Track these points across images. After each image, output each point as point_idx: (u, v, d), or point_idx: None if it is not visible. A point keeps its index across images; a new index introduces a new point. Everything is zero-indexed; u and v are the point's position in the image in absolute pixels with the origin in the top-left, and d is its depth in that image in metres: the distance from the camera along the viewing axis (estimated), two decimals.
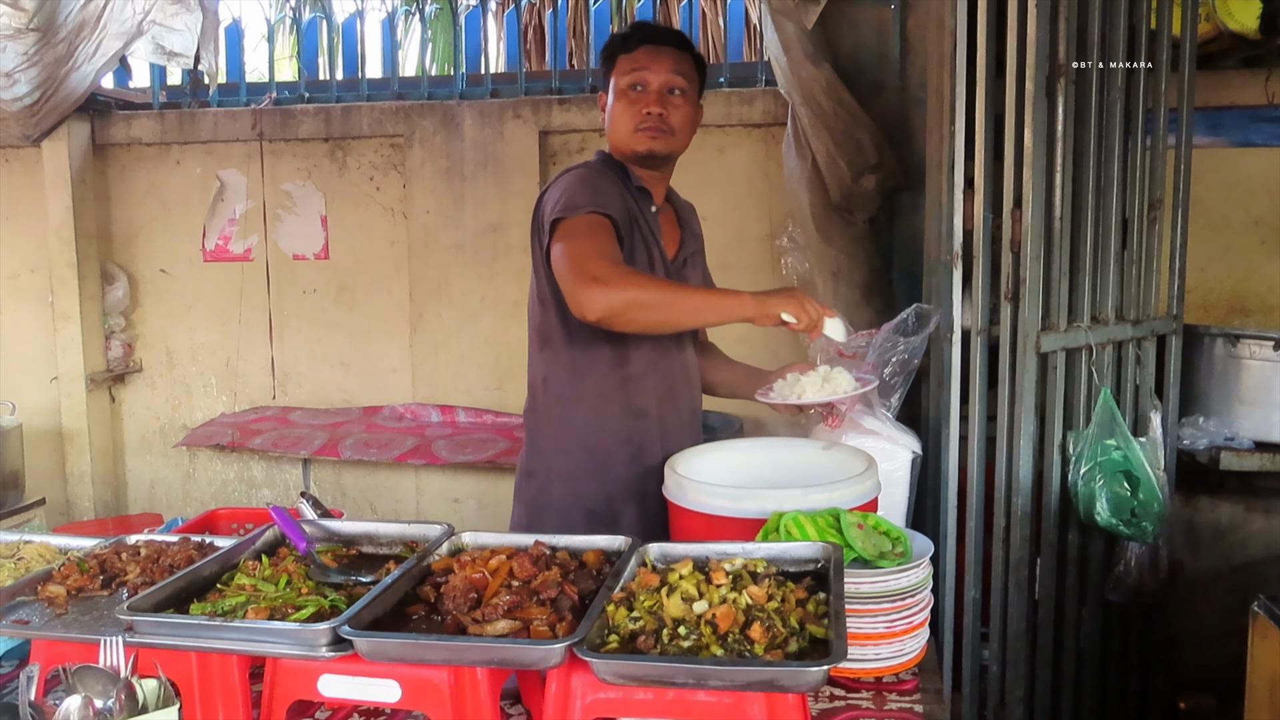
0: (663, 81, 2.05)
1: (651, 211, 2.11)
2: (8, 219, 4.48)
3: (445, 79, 4.34)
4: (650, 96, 2.05)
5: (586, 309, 1.79)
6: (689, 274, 2.23)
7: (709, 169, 3.90)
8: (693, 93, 2.12)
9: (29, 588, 1.54)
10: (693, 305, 1.92)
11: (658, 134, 2.05)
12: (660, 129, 2.05)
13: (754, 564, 1.39)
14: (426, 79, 4.30)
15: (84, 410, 4.35)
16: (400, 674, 1.28)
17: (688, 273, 2.23)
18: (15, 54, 3.81)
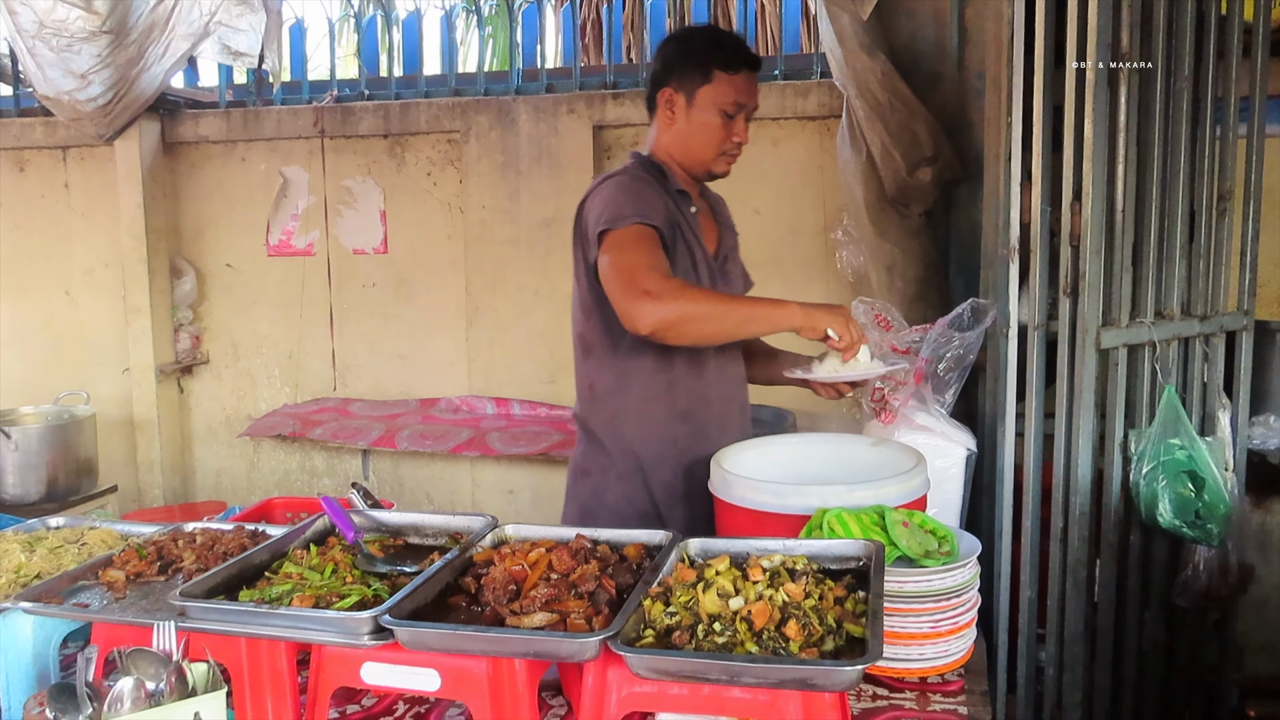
0: (753, 110, 2.15)
1: (691, 212, 2.14)
2: (83, 215, 4.64)
3: (501, 75, 4.37)
4: (742, 126, 2.13)
5: (639, 323, 1.82)
6: (730, 269, 2.25)
7: (763, 162, 3.88)
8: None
9: (90, 572, 1.59)
10: (742, 317, 1.94)
11: (732, 160, 2.18)
12: (736, 155, 2.17)
13: (793, 561, 1.38)
14: (483, 75, 4.34)
15: (154, 400, 4.49)
16: (440, 663, 1.30)
17: (729, 268, 2.24)
18: (89, 56, 3.94)
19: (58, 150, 4.63)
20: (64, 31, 3.87)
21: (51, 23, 3.87)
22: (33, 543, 1.70)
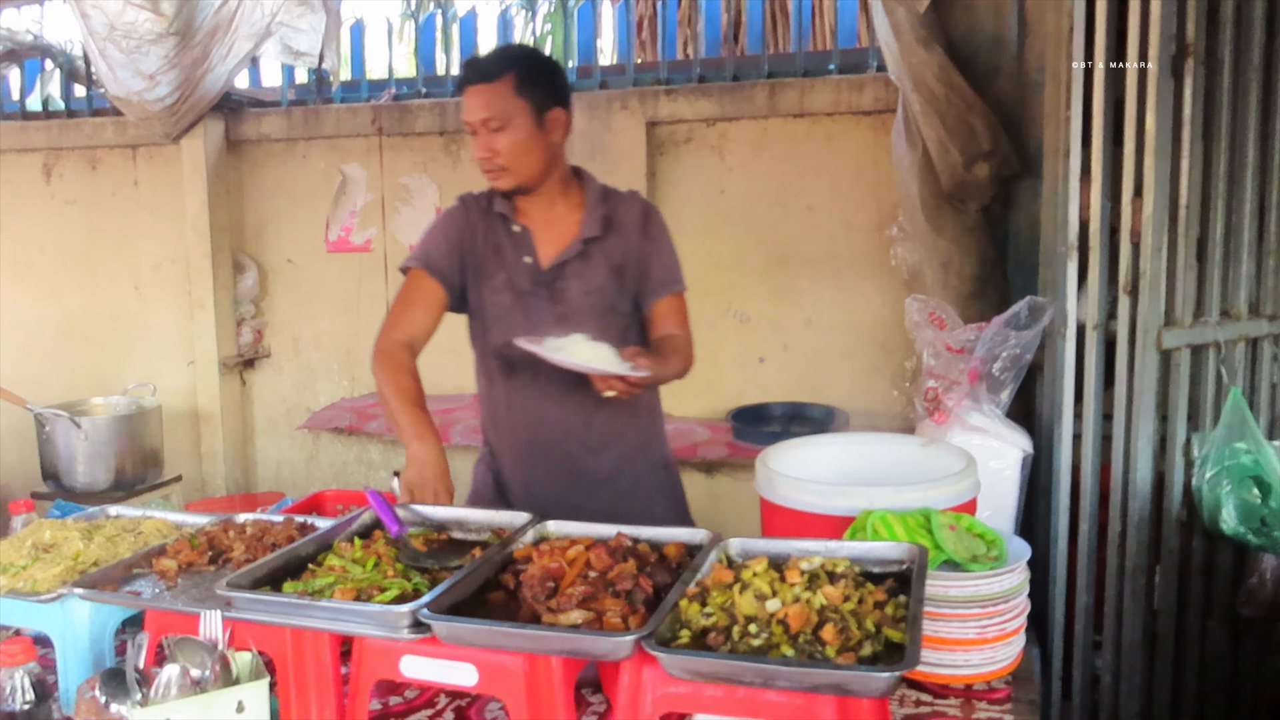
0: (478, 121, 2.09)
1: (514, 231, 2.22)
2: (150, 212, 4.77)
3: None
4: (477, 140, 2.12)
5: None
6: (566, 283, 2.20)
7: (817, 158, 3.84)
8: (520, 117, 2.08)
9: (145, 561, 1.64)
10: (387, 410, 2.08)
11: (495, 174, 2.13)
12: (492, 169, 2.13)
13: (834, 563, 1.36)
14: None
15: (217, 393, 4.60)
16: (477, 658, 1.31)
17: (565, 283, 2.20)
18: (157, 57, 4.04)
19: (128, 149, 4.77)
20: (133, 33, 3.98)
21: (122, 25, 3.98)
22: (91, 531, 1.75)
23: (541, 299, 2.23)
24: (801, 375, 3.98)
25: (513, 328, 2.21)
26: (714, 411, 4.09)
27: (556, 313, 2.22)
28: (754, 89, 3.85)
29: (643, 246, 2.24)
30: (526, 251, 2.22)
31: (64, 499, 3.04)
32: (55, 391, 4.32)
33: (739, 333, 4.04)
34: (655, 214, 2.30)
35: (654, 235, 2.26)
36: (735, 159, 3.95)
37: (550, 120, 2.13)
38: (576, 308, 2.21)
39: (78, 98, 4.90)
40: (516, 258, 2.22)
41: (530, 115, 2.10)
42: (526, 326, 2.21)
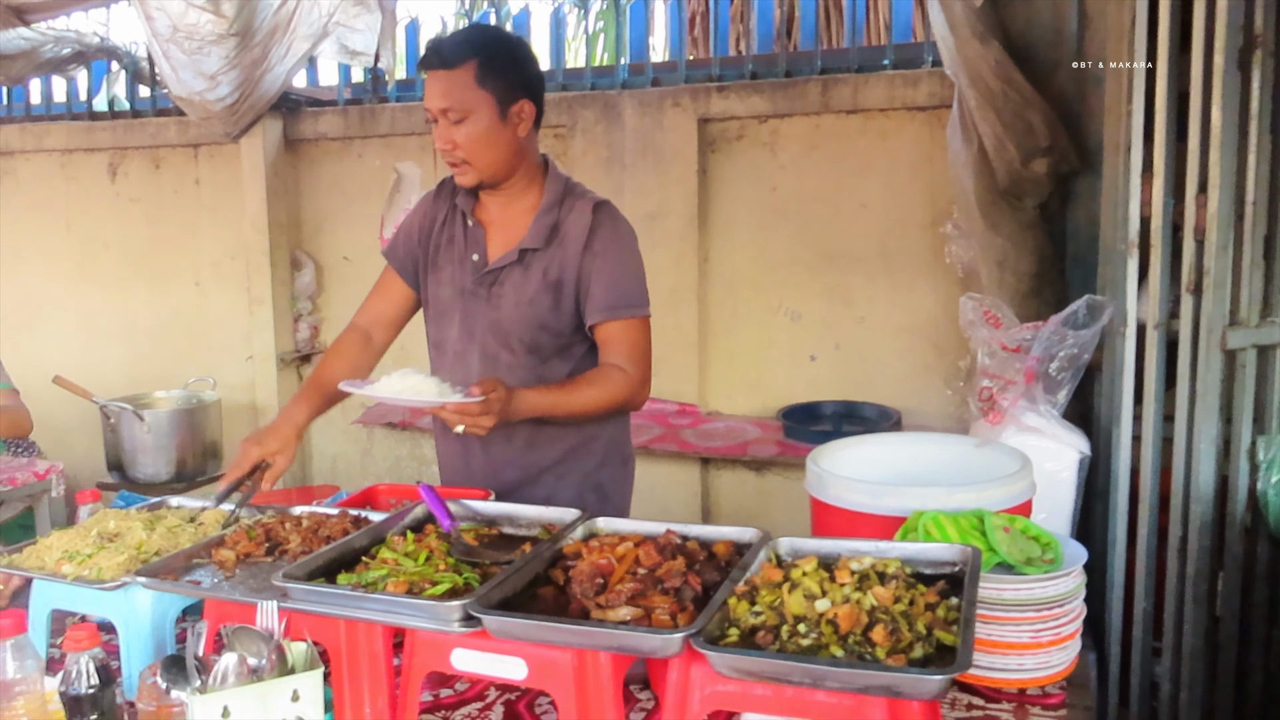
0: (436, 110, 2.01)
1: (468, 226, 2.16)
2: (211, 210, 4.87)
3: (608, 69, 4.39)
4: (437, 129, 2.03)
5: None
6: (502, 289, 2.11)
7: (870, 154, 3.80)
8: (482, 109, 1.98)
9: (204, 551, 1.68)
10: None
11: (458, 167, 2.06)
12: (454, 161, 2.05)
13: (885, 564, 1.35)
14: (590, 69, 4.37)
15: (275, 387, 4.69)
16: (527, 653, 1.32)
17: (502, 289, 2.11)
18: (218, 58, 4.13)
19: (189, 148, 4.88)
20: (195, 35, 4.07)
21: (184, 26, 4.07)
22: (153, 521, 1.80)
23: (480, 300, 2.14)
24: (853, 374, 3.95)
25: (451, 325, 2.18)
26: (764, 410, 4.08)
27: (491, 318, 2.13)
28: (807, 85, 3.82)
29: (585, 263, 2.06)
30: (476, 249, 2.14)
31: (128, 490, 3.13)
32: (119, 385, 4.43)
33: (790, 330, 4.02)
34: (608, 228, 2.10)
35: (600, 251, 2.07)
36: (787, 156, 3.93)
37: (515, 113, 2.02)
38: (508, 317, 2.12)
39: (142, 98, 5.02)
40: (466, 253, 2.15)
41: (493, 108, 1.99)
42: (464, 325, 2.16)
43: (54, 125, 5.09)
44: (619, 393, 2.07)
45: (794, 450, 3.64)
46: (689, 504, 3.99)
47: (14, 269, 5.32)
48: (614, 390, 2.07)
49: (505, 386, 1.86)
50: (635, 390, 2.10)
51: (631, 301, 2.10)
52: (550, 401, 2.00)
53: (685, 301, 4.06)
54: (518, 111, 2.03)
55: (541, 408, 1.98)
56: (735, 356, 4.12)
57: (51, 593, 1.68)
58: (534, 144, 2.12)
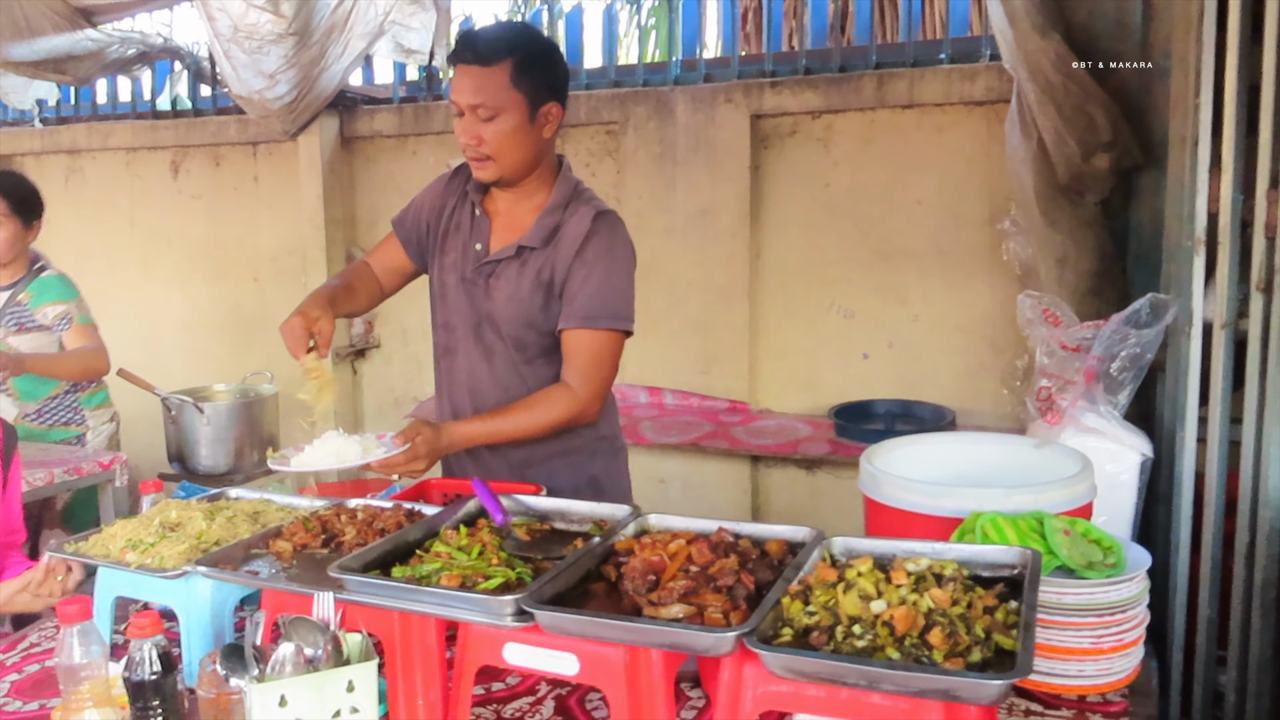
0: (466, 105, 2.00)
1: (476, 214, 2.18)
2: (269, 207, 4.96)
3: (660, 65, 4.39)
4: (463, 122, 2.03)
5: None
6: (498, 283, 2.15)
7: (926, 150, 3.75)
8: (513, 109, 1.99)
9: (262, 542, 1.71)
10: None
11: (479, 162, 2.06)
12: (476, 157, 2.05)
13: (941, 566, 1.33)
14: (642, 66, 4.36)
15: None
16: (579, 649, 1.32)
17: (498, 281, 2.15)
18: (277, 57, 4.20)
19: (248, 146, 4.97)
20: (255, 34, 4.14)
21: (245, 26, 4.14)
22: (213, 512, 1.83)
23: (479, 290, 2.17)
24: (906, 372, 3.90)
25: (454, 310, 2.23)
26: (815, 408, 4.05)
27: (487, 308, 2.17)
28: (861, 80, 3.78)
29: (574, 268, 2.09)
30: (480, 238, 2.17)
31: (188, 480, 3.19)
32: (180, 378, 4.53)
33: (842, 328, 3.98)
34: (603, 237, 2.11)
35: (589, 259, 2.08)
36: (841, 152, 3.89)
37: (544, 115, 2.04)
38: (499, 311, 2.15)
39: (203, 97, 5.13)
40: (470, 242, 2.18)
41: (524, 108, 2.00)
42: (464, 312, 2.20)
43: (119, 124, 5.22)
44: (560, 414, 2.09)
45: (846, 449, 3.61)
46: (738, 502, 3.97)
47: (81, 264, 5.45)
48: (554, 412, 2.08)
49: (430, 426, 1.94)
50: (581, 409, 2.10)
51: (609, 313, 2.10)
52: (484, 430, 2.05)
53: (736, 299, 4.04)
54: (546, 113, 2.05)
55: (475, 438, 2.05)
56: (786, 354, 4.09)
57: (116, 580, 1.72)
58: (553, 144, 2.15)
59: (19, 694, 1.66)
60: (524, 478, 2.15)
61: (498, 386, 2.19)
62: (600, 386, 2.12)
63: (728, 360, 4.09)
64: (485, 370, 2.21)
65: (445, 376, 2.30)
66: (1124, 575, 1.50)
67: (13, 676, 1.72)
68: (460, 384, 2.24)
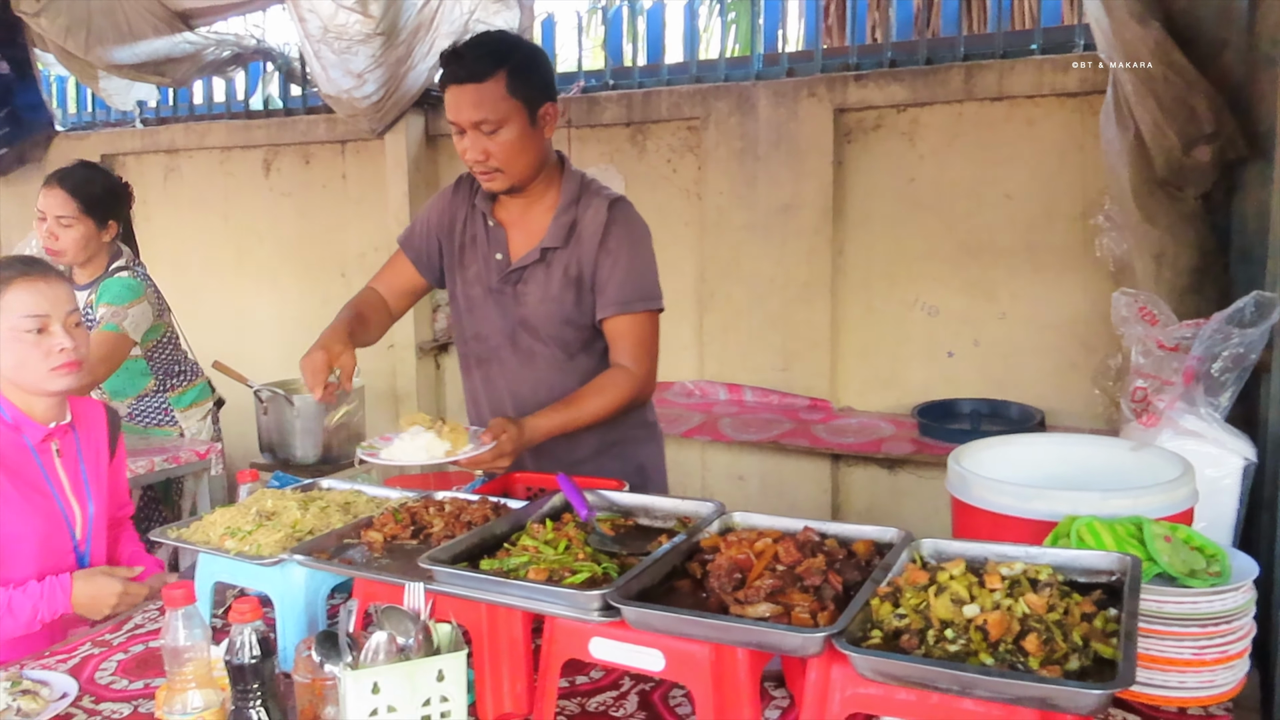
0: (467, 123, 2.02)
1: (490, 225, 2.21)
2: (356, 204, 5.07)
3: (743, 60, 4.36)
4: (465, 139, 2.05)
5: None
6: (527, 288, 2.19)
7: (1015, 143, 3.66)
8: (514, 118, 2.02)
9: (354, 531, 1.75)
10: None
11: (489, 176, 2.08)
12: (485, 171, 2.07)
13: (1036, 570, 1.29)
14: (724, 61, 4.35)
15: (414, 375, 4.85)
16: (664, 645, 1.32)
17: (527, 287, 2.19)
18: (365, 57, 4.29)
19: (337, 144, 5.09)
20: (344, 35, 4.24)
21: (334, 27, 4.24)
22: (307, 502, 1.88)
23: (508, 298, 2.22)
24: (993, 371, 3.82)
25: (485, 321, 2.27)
26: (898, 406, 3.99)
27: (519, 314, 2.22)
28: (948, 72, 3.70)
29: (600, 259, 2.14)
30: (499, 248, 2.21)
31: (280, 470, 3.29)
32: (271, 370, 4.66)
33: (926, 326, 3.91)
34: (621, 224, 2.16)
35: (613, 248, 2.14)
36: (927, 145, 3.82)
37: (543, 116, 2.08)
38: (534, 314, 2.20)
39: (294, 97, 5.27)
40: (490, 252, 2.22)
41: (524, 114, 2.04)
42: (496, 322, 2.24)
43: (214, 124, 5.39)
44: (625, 393, 2.16)
45: (930, 449, 3.54)
46: (818, 501, 3.94)
47: (178, 260, 5.67)
48: (620, 393, 2.15)
49: (514, 424, 1.98)
50: (640, 387, 2.19)
51: (642, 295, 2.17)
52: (560, 420, 2.09)
53: (818, 296, 4.00)
54: (544, 114, 2.09)
55: (553, 429, 2.08)
56: (869, 352, 4.04)
57: (215, 566, 1.78)
58: (551, 143, 2.18)
59: (125, 673, 1.73)
60: (580, 473, 2.17)
61: (543, 387, 2.24)
62: (652, 363, 2.21)
63: (809, 357, 4.05)
64: (528, 374, 2.26)
65: (482, 386, 2.33)
66: (1230, 584, 1.44)
67: (119, 656, 1.80)
68: (500, 391, 2.28)
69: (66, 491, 2.09)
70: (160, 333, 3.40)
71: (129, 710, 1.59)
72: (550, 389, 2.21)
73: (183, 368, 3.55)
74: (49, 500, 2.05)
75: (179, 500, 3.51)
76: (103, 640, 1.86)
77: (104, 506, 2.17)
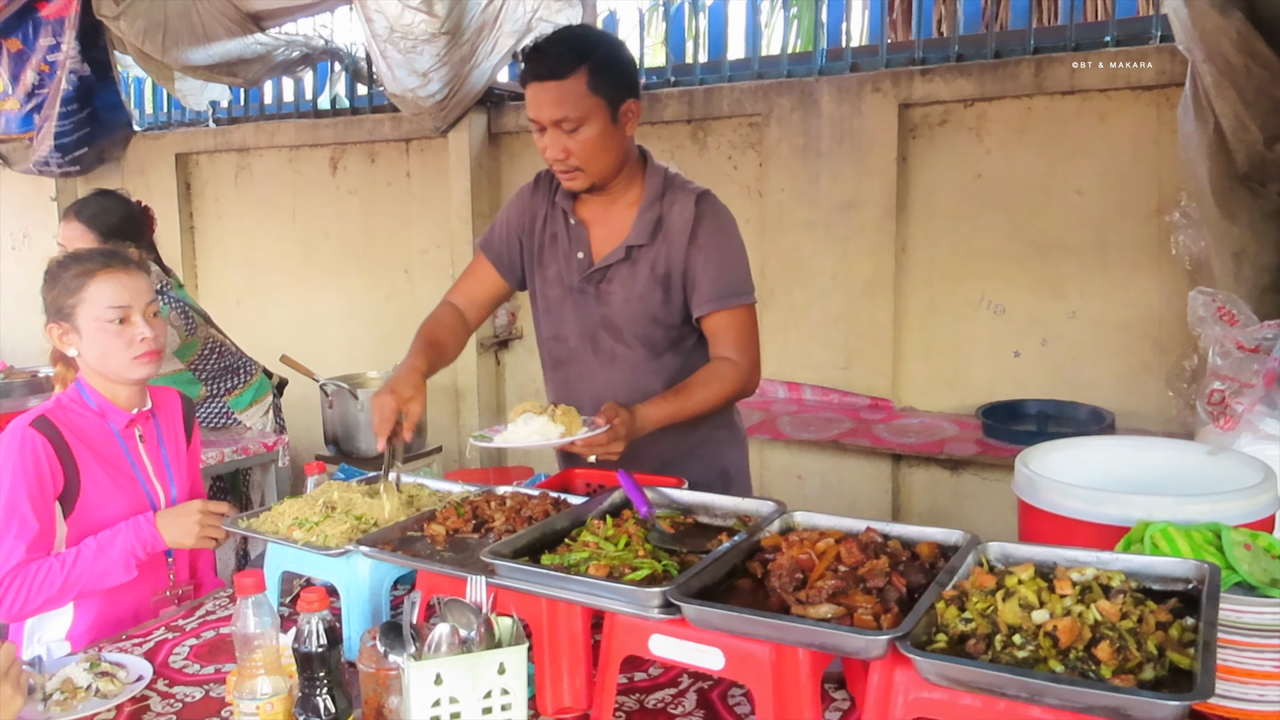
0: (548, 121, 1.98)
1: (571, 224, 2.17)
2: (420, 201, 5.14)
3: (805, 56, 4.32)
4: (545, 137, 2.01)
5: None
6: (610, 286, 2.16)
7: (1087, 138, 3.57)
8: (595, 116, 1.99)
9: (417, 524, 1.77)
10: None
11: (569, 174, 2.04)
12: (566, 170, 2.03)
13: (1108, 576, 1.26)
14: (786, 57, 4.31)
15: (474, 371, 4.90)
16: (724, 644, 1.32)
17: (610, 285, 2.16)
18: (430, 56, 4.34)
19: (401, 142, 5.16)
20: (410, 34, 4.29)
21: (400, 27, 4.30)
22: (371, 494, 1.91)
23: (590, 298, 2.18)
24: (1061, 371, 3.73)
25: (562, 322, 2.24)
26: (961, 407, 3.92)
27: (602, 314, 2.18)
28: (1018, 66, 3.63)
29: (691, 255, 2.10)
30: (580, 247, 2.17)
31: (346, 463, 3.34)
32: (336, 365, 4.75)
33: (992, 325, 3.84)
34: (710, 218, 2.12)
35: (704, 243, 2.10)
36: (994, 141, 3.75)
37: (625, 113, 2.04)
38: (619, 313, 2.16)
39: (360, 96, 5.35)
40: (571, 252, 2.18)
41: (606, 112, 2.00)
42: (577, 322, 2.20)
43: (284, 123, 5.50)
44: (732, 385, 2.12)
45: (994, 450, 3.48)
46: (878, 501, 3.89)
47: (248, 256, 5.81)
48: (727, 385, 2.11)
49: (626, 410, 1.92)
50: (746, 379, 2.15)
51: (738, 290, 2.13)
52: (670, 410, 2.04)
53: (880, 293, 3.95)
54: (626, 111, 2.05)
55: (663, 418, 2.03)
56: (932, 351, 3.98)
57: (283, 556, 1.82)
58: (633, 139, 2.14)
59: (198, 657, 1.77)
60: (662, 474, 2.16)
61: (624, 389, 2.18)
62: (756, 354, 2.18)
63: (870, 356, 4.00)
64: (609, 376, 2.22)
65: (561, 388, 2.31)
66: None
67: (191, 641, 1.84)
68: (580, 393, 2.23)
69: (150, 475, 2.16)
70: (196, 348, 3.42)
71: (200, 694, 1.63)
72: (631, 392, 2.15)
73: (235, 367, 3.58)
74: (134, 484, 2.12)
75: (247, 491, 3.59)
76: (176, 625, 1.92)
77: (184, 489, 2.24)
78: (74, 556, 1.96)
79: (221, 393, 3.54)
